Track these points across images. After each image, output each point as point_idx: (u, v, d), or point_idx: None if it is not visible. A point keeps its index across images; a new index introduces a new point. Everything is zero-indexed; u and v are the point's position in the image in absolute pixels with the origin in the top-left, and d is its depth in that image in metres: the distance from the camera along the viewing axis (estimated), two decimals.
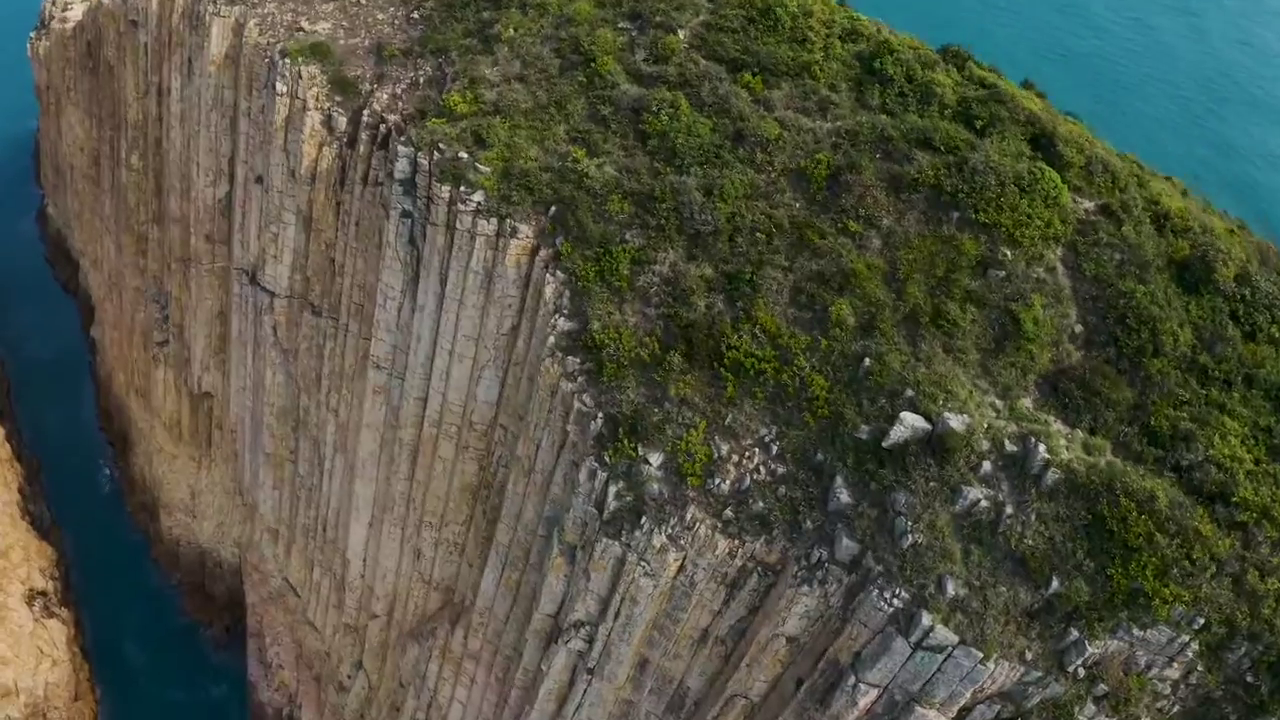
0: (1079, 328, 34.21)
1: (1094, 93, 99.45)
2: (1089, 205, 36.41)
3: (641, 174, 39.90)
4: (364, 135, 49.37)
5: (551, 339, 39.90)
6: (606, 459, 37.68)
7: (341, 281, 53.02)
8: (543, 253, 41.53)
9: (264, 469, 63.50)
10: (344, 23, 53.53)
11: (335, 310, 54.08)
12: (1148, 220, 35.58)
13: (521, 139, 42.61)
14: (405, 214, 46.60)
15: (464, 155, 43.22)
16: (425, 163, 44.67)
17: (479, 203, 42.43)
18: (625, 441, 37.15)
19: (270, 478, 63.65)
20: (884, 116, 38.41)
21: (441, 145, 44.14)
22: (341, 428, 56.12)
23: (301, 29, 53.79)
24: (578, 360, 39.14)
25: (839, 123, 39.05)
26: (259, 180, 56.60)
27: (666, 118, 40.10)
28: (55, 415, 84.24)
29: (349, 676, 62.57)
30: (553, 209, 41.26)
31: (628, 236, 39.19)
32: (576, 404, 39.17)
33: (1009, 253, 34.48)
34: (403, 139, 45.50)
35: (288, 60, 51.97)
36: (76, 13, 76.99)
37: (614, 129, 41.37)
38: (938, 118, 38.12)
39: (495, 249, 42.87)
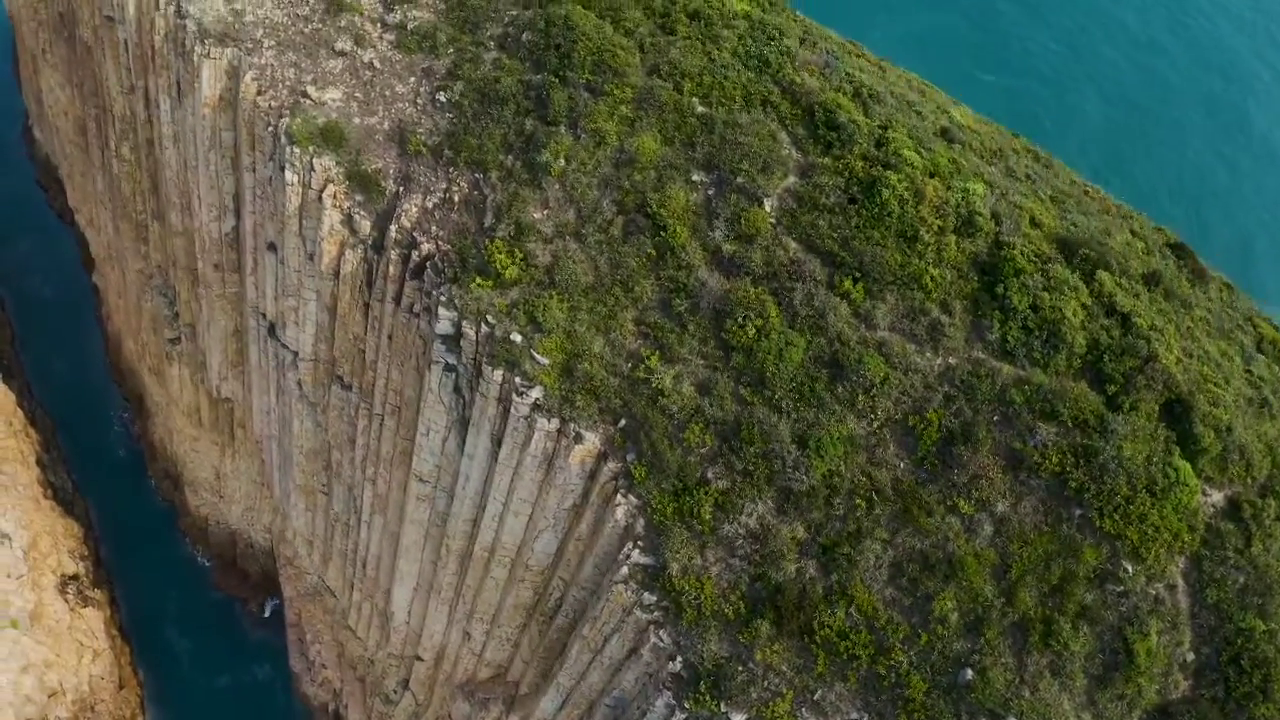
0: (1190, 656, 31.11)
1: None
2: (1217, 499, 32.20)
3: (725, 399, 34.85)
4: (393, 254, 42.96)
5: (625, 569, 36.53)
6: (686, 705, 35.54)
7: (374, 378, 48.22)
8: (611, 463, 37.17)
9: (295, 493, 60.48)
10: (357, 92, 45.26)
11: (368, 396, 49.28)
12: (1279, 531, 31.82)
13: (583, 325, 36.92)
14: (450, 368, 41.49)
15: (517, 338, 37.68)
16: (471, 333, 39.05)
17: (537, 399, 37.60)
18: (707, 695, 34.74)
19: (302, 501, 60.63)
20: (1005, 366, 33.07)
21: (490, 318, 38.46)
22: (380, 498, 52.88)
23: (307, 95, 45.50)
24: (654, 597, 36.02)
25: (952, 358, 33.69)
26: (271, 248, 50.10)
27: (753, 330, 34.67)
28: (63, 364, 78.82)
29: (395, 692, 62.61)
30: (623, 421, 36.59)
31: (710, 475, 34.73)
32: (653, 638, 36.30)
33: (1130, 568, 30.65)
34: (443, 298, 39.51)
35: (296, 149, 44.47)
36: None
37: (691, 330, 35.66)
38: (1064, 368, 32.90)
39: (556, 443, 38.45)
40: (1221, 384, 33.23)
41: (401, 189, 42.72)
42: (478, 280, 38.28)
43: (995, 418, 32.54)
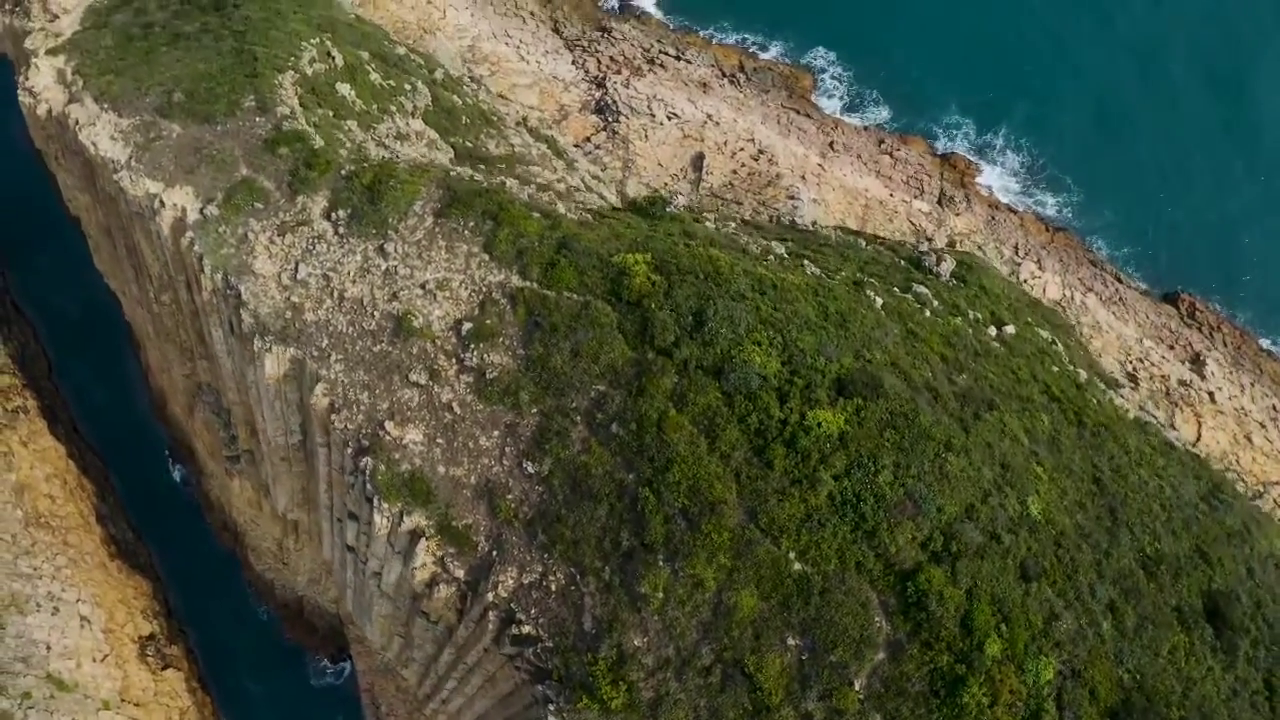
0: None
1: None
2: None
3: None
4: (491, 616, 45.78)
5: None
6: None
7: (465, 648, 52.12)
8: None
9: (370, 626, 65.61)
10: (439, 437, 45.46)
11: (460, 649, 53.45)
12: None
13: None
14: None
15: None
16: None
17: None
18: None
19: (378, 630, 66.14)
20: None
21: None
22: (469, 700, 58.12)
23: (386, 430, 45.97)
24: None
25: None
26: (352, 517, 52.15)
27: None
28: (104, 395, 79.39)
29: None
30: None
31: None
32: None
33: None
34: (552, 706, 43.05)
35: (385, 504, 45.79)
36: (43, 82, 59.26)
37: None
38: None
39: None
40: None
41: (496, 553, 45.08)
42: (585, 700, 42.20)
43: None
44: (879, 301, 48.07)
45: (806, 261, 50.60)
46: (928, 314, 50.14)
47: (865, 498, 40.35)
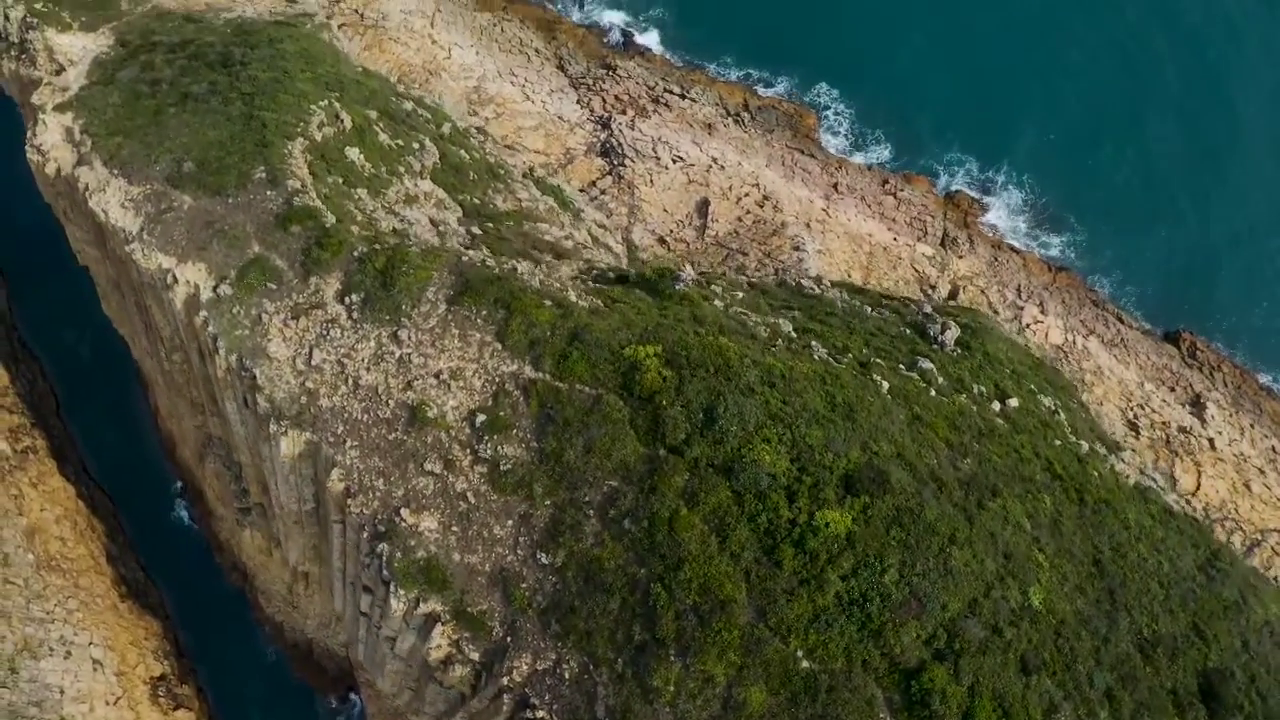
0: None
1: None
2: None
3: None
4: (505, 698, 47.31)
5: None
6: None
7: (479, 709, 53.71)
8: None
9: (381, 672, 67.36)
10: (454, 525, 46.76)
11: (476, 719, 55.13)
12: None
13: None
14: None
15: None
16: None
17: None
18: None
19: (389, 682, 67.86)
20: None
21: None
22: None
23: (402, 516, 47.28)
24: None
25: None
26: (366, 590, 53.54)
27: None
28: (113, 433, 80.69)
29: None
30: None
31: None
32: None
33: None
34: None
35: (402, 590, 47.16)
36: (51, 140, 60.04)
37: None
38: None
39: None
40: None
41: (510, 639, 46.50)
42: None
43: None
44: (885, 385, 49.30)
45: (814, 342, 51.73)
46: (933, 393, 51.36)
47: (871, 597, 41.73)
